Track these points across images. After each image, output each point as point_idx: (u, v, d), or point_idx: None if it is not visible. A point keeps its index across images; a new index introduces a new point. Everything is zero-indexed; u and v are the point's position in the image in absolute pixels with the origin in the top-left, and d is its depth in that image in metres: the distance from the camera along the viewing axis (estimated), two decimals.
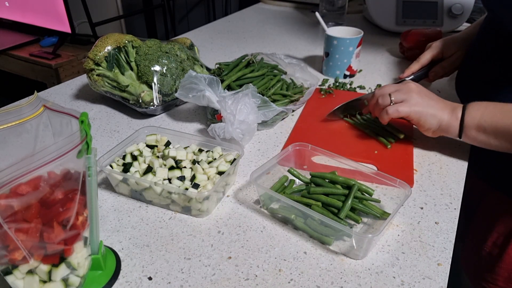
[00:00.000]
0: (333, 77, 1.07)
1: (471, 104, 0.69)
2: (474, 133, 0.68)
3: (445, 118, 0.70)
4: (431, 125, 0.71)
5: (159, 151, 0.69)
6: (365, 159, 0.74)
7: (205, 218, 0.62)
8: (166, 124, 0.87)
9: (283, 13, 1.67)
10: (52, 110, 0.46)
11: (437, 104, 0.71)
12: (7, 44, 2.37)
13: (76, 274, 0.47)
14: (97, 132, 0.84)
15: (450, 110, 0.70)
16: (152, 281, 0.52)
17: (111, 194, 0.67)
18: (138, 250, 0.57)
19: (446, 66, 0.91)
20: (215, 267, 0.54)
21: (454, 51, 0.90)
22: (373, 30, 1.42)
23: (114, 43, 0.90)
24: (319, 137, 0.81)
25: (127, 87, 0.89)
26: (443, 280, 0.52)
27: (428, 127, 0.72)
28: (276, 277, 0.53)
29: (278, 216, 0.62)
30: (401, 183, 0.61)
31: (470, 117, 0.68)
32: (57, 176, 0.44)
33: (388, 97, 0.74)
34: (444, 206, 0.64)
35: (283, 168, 0.70)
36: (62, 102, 0.97)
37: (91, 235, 0.49)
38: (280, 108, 0.82)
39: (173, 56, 0.91)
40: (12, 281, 0.44)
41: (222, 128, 0.74)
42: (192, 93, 0.78)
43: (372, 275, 0.53)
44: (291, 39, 1.37)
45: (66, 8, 2.16)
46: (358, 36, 1.02)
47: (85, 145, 0.44)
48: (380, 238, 0.58)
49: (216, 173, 0.65)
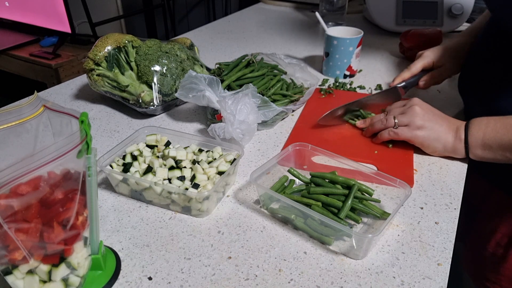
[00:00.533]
0: (333, 77, 1.07)
1: (472, 122, 0.70)
2: (481, 152, 0.69)
3: (450, 141, 0.71)
4: (436, 148, 0.73)
5: (159, 151, 0.69)
6: (365, 159, 0.74)
7: (205, 218, 0.62)
8: (166, 124, 0.87)
9: (283, 13, 1.67)
10: (52, 110, 0.46)
11: (441, 127, 0.72)
12: (7, 44, 2.37)
13: (76, 274, 0.47)
14: (97, 132, 0.84)
15: (454, 131, 0.71)
16: (152, 281, 0.52)
17: (111, 194, 0.67)
18: (138, 250, 0.57)
19: (436, 76, 0.92)
20: (215, 267, 0.54)
21: (445, 62, 0.91)
22: (373, 30, 1.42)
23: (114, 43, 0.90)
24: (319, 137, 0.81)
25: (127, 87, 0.89)
26: (443, 280, 0.52)
27: (433, 150, 0.74)
28: (276, 277, 0.53)
29: (278, 216, 0.62)
30: (401, 183, 0.61)
31: (474, 138, 0.69)
32: (57, 176, 0.44)
33: (393, 119, 0.75)
34: (444, 206, 0.64)
35: (283, 168, 0.70)
36: (62, 102, 0.97)
37: (91, 235, 0.49)
38: (280, 108, 0.82)
39: (173, 56, 0.91)
40: (12, 281, 0.44)
41: (222, 128, 0.74)
42: (192, 93, 0.78)
43: (372, 275, 0.53)
44: (291, 39, 1.37)
45: (66, 8, 2.16)
46: (358, 36, 1.02)
47: (85, 145, 0.44)
48: (380, 238, 0.58)
49: (216, 173, 0.65)
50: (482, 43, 0.83)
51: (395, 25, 1.35)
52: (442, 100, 0.96)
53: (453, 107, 0.93)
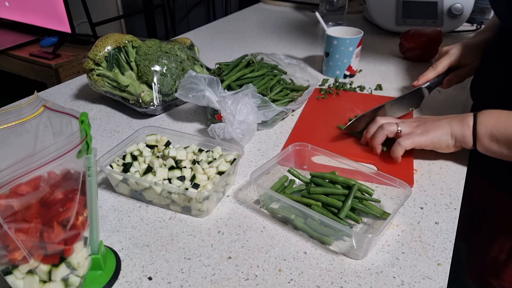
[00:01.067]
0: (333, 77, 1.07)
1: (483, 112, 0.67)
2: (487, 143, 0.65)
3: (457, 129, 0.68)
4: (446, 141, 0.69)
5: (159, 151, 0.69)
6: (365, 159, 0.74)
7: (205, 218, 0.62)
8: (166, 124, 0.87)
9: (283, 13, 1.67)
10: (52, 110, 0.46)
11: (441, 121, 0.70)
12: (7, 44, 2.37)
13: (76, 274, 0.47)
14: (97, 132, 0.84)
15: (459, 120, 0.68)
16: (152, 281, 0.52)
17: (111, 194, 0.67)
18: (138, 250, 0.57)
19: (462, 75, 0.87)
20: (215, 267, 0.54)
21: (472, 60, 0.86)
22: (373, 30, 1.42)
23: (114, 43, 0.90)
24: (319, 137, 0.81)
25: (127, 87, 0.89)
26: (443, 280, 0.52)
27: (446, 145, 0.70)
28: (276, 277, 0.53)
29: (278, 216, 0.62)
30: (401, 183, 0.61)
31: (483, 125, 0.66)
32: (57, 176, 0.44)
33: (395, 125, 0.72)
34: (444, 206, 0.64)
35: (283, 168, 0.70)
36: (62, 102, 0.97)
37: (91, 235, 0.49)
38: (280, 108, 0.82)
39: (173, 56, 0.91)
40: (12, 281, 0.44)
41: (222, 128, 0.74)
42: (192, 93, 0.78)
43: (372, 275, 0.53)
44: (291, 39, 1.37)
45: (66, 8, 2.16)
46: (358, 36, 1.02)
47: (85, 145, 0.44)
48: (380, 238, 0.58)
49: (216, 173, 0.65)
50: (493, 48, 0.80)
51: (395, 25, 1.35)
52: (442, 100, 0.96)
53: (453, 107, 0.93)
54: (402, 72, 1.11)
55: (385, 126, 0.72)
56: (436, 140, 0.69)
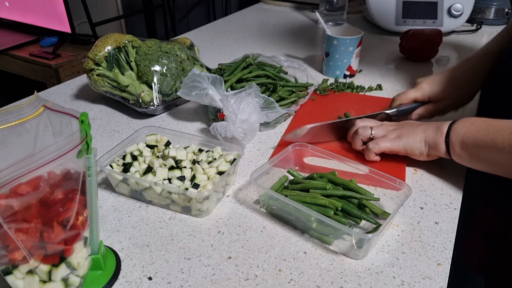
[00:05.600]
0: (333, 77, 1.07)
1: (461, 119, 0.64)
2: (459, 150, 0.63)
3: (430, 136, 0.66)
4: (419, 148, 0.67)
5: (159, 151, 0.69)
6: (357, 159, 0.74)
7: (205, 218, 0.62)
8: (166, 124, 0.87)
9: (283, 13, 1.67)
10: (52, 110, 0.46)
11: (418, 128, 0.68)
12: (7, 44, 2.37)
13: (76, 274, 0.47)
14: (97, 132, 0.84)
15: (435, 127, 0.66)
16: (152, 281, 0.52)
17: (111, 194, 0.67)
18: (138, 250, 0.57)
19: (432, 110, 0.81)
20: (215, 267, 0.54)
21: (446, 96, 0.79)
22: (373, 30, 1.42)
23: (114, 43, 0.90)
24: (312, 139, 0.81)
25: (127, 87, 0.89)
26: (443, 280, 0.52)
27: (419, 152, 0.68)
28: (276, 277, 0.53)
29: (278, 216, 0.62)
30: (401, 183, 0.61)
31: (455, 133, 0.63)
32: (57, 176, 0.44)
33: (369, 129, 0.71)
34: (444, 206, 0.64)
35: (283, 168, 0.70)
36: (62, 102, 0.97)
37: (91, 235, 0.49)
38: (283, 110, 0.82)
39: (173, 56, 0.91)
40: (12, 281, 0.44)
41: (224, 127, 0.74)
42: (195, 91, 0.78)
43: (372, 275, 0.53)
44: (291, 39, 1.37)
45: (66, 8, 2.16)
46: (358, 36, 1.02)
47: (85, 145, 0.44)
48: (380, 238, 0.58)
49: (216, 173, 0.65)
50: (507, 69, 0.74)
51: (395, 25, 1.35)
52: None
53: None
54: (402, 72, 1.11)
55: (359, 131, 0.72)
56: (409, 146, 0.68)
